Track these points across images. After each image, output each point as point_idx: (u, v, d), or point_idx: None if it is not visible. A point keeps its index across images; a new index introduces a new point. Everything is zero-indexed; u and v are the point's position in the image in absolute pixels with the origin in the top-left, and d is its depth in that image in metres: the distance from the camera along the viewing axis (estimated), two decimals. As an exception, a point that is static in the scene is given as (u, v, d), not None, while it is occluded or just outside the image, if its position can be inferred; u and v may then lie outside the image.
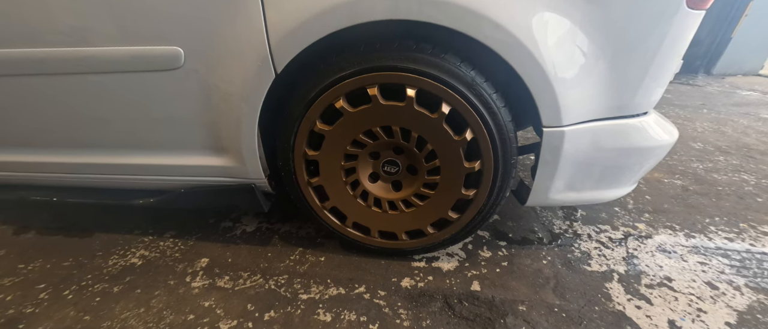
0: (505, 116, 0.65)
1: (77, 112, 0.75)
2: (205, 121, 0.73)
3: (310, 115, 0.68)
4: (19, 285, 0.82)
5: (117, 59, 0.66)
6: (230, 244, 0.96)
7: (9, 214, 1.10)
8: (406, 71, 0.61)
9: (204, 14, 0.60)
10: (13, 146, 0.83)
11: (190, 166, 0.80)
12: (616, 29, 0.57)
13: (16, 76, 0.71)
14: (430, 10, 0.55)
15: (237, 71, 0.65)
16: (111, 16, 0.62)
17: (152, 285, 0.81)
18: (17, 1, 0.62)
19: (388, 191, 0.80)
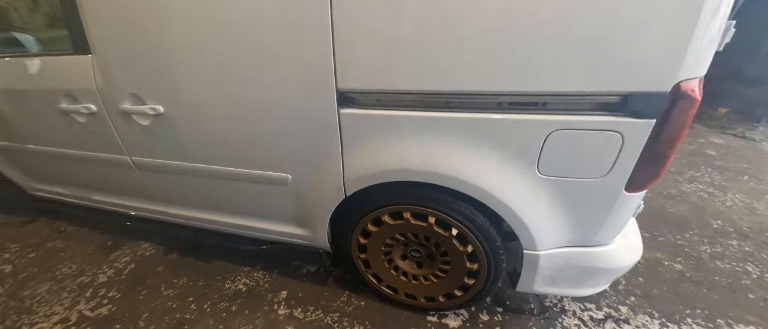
0: (496, 238, 0.94)
1: (225, 196, 1.19)
2: (297, 209, 1.12)
3: (365, 220, 1.04)
4: (177, 297, 1.30)
5: (249, 176, 1.07)
6: (300, 281, 1.37)
7: (162, 241, 1.63)
8: (429, 207, 0.94)
9: (307, 158, 0.98)
10: (186, 206, 1.31)
11: (282, 231, 1.21)
12: (577, 198, 0.83)
13: (195, 177, 1.16)
14: (445, 180, 0.86)
15: (322, 192, 1.02)
16: (259, 156, 1.03)
17: (254, 308, 1.24)
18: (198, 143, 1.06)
19: (412, 267, 1.14)
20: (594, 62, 0.66)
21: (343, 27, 0.75)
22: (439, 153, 0.84)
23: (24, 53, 1.17)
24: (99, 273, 1.42)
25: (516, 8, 0.65)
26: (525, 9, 0.64)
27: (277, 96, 0.88)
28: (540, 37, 0.66)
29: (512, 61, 0.69)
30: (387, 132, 0.86)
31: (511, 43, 0.67)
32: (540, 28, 0.65)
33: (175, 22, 0.87)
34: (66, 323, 1.19)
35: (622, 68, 0.65)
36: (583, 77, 0.68)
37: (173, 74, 0.95)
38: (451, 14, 0.68)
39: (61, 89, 1.09)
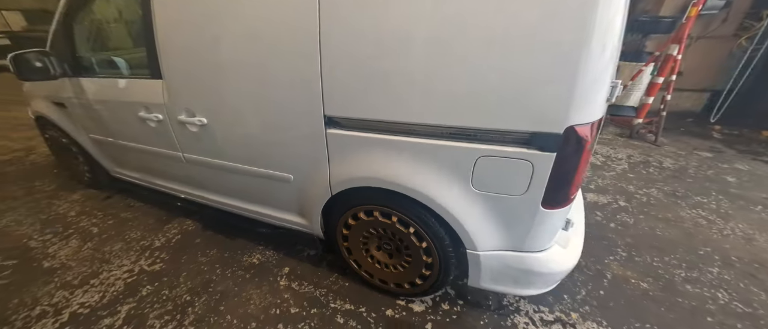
0: (444, 238, 1.16)
1: (247, 188, 1.54)
2: (298, 202, 1.43)
3: (346, 215, 1.31)
4: (207, 263, 1.68)
5: (264, 174, 1.40)
6: (300, 261, 1.68)
7: (202, 219, 2.06)
8: (392, 208, 1.19)
9: (304, 164, 1.28)
10: (219, 194, 1.69)
11: (288, 219, 1.53)
12: (504, 210, 1.03)
13: (227, 171, 1.52)
14: (402, 189, 1.10)
15: (315, 190, 1.31)
16: (271, 159, 1.36)
17: (262, 278, 1.58)
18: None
19: (384, 257, 1.39)
20: (508, 108, 0.87)
21: (327, 75, 1.03)
22: (398, 167, 1.08)
23: (118, 75, 1.63)
24: (155, 240, 1.86)
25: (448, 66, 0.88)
26: (454, 67, 0.87)
27: (283, 115, 1.19)
28: (468, 89, 0.88)
29: (449, 103, 0.92)
30: (360, 148, 1.12)
31: (448, 91, 0.91)
32: (468, 81, 0.87)
33: (215, 65, 1.22)
34: (131, 272, 1.62)
35: (528, 114, 0.86)
36: (500, 118, 0.89)
37: (214, 97, 1.30)
38: (404, 70, 0.93)
39: (141, 102, 1.51)
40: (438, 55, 0.87)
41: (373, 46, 0.93)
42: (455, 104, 0.92)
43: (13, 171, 2.69)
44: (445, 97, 0.92)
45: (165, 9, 1.25)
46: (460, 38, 0.84)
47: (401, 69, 0.93)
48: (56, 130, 2.09)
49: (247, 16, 1.10)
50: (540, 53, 0.79)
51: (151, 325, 1.34)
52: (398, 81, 0.95)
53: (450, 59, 0.87)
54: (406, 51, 0.90)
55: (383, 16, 0.89)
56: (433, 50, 0.87)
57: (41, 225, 1.99)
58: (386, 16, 0.89)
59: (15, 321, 1.36)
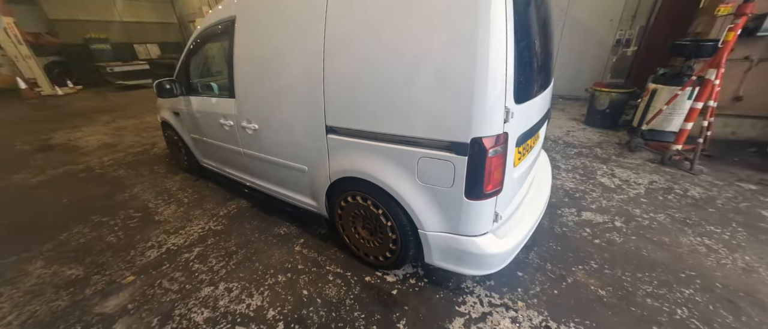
0: (403, 219, 1.54)
1: (280, 176, 2.15)
2: (311, 187, 1.96)
3: (340, 198, 1.79)
4: (251, 229, 2.32)
5: (288, 165, 1.98)
6: (313, 236, 2.20)
7: (251, 199, 2.77)
8: (367, 194, 1.62)
9: (313, 158, 1.81)
10: (262, 180, 2.36)
11: (304, 201, 2.08)
12: (439, 199, 1.38)
13: (267, 163, 2.16)
14: (371, 179, 1.54)
15: (320, 178, 1.83)
16: (293, 154, 1.94)
17: (283, 244, 2.14)
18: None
19: (367, 234, 1.81)
20: (435, 123, 1.26)
21: (327, 97, 1.55)
22: (369, 163, 1.53)
23: (210, 94, 2.44)
24: (220, 210, 2.60)
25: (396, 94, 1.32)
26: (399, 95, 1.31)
27: (301, 124, 1.75)
28: (410, 109, 1.30)
29: (399, 119, 1.35)
30: (348, 149, 1.60)
31: (398, 110, 1.34)
32: (410, 104, 1.30)
33: (263, 90, 1.85)
34: (204, 228, 2.35)
35: (446, 127, 1.24)
36: (430, 130, 1.28)
37: (262, 111, 1.94)
38: (370, 96, 1.40)
39: (221, 113, 2.27)
40: (389, 88, 1.32)
41: (350, 81, 1.43)
42: (402, 119, 1.34)
43: (143, 158, 3.87)
44: (396, 114, 1.35)
45: (239, 55, 1.96)
46: (403, 75, 1.27)
47: (368, 95, 1.40)
48: (172, 130, 3.07)
49: (279, 60, 1.71)
50: (447, 86, 1.18)
51: (209, 261, 1.99)
52: (367, 103, 1.42)
53: (398, 90, 1.30)
54: (370, 84, 1.37)
55: (355, 63, 1.39)
56: (385, 84, 1.32)
57: (156, 194, 2.93)
58: (355, 62, 1.38)
59: (137, 248, 2.15)
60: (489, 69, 1.10)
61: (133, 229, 2.38)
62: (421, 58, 1.21)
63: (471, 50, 1.10)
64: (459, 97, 1.17)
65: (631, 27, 5.34)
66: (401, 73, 1.27)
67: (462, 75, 1.14)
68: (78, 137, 4.85)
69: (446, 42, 1.14)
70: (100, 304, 1.68)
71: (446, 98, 1.20)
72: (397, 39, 1.25)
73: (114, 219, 2.52)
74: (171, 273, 1.90)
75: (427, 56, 1.20)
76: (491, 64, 1.10)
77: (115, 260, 2.04)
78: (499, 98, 1.16)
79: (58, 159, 3.96)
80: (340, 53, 1.43)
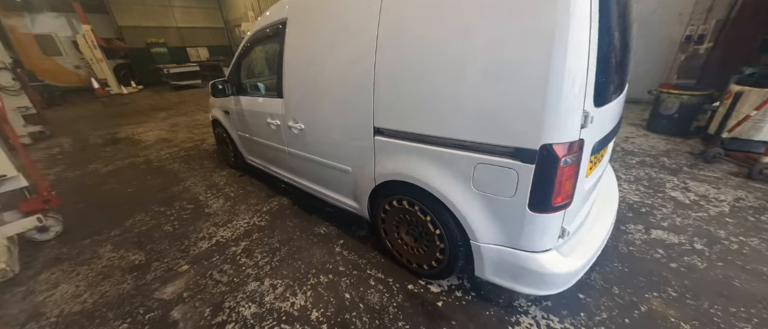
0: (453, 227, 1.45)
1: (322, 175, 2.16)
2: (354, 189, 1.94)
3: (383, 202, 1.74)
4: (292, 227, 2.37)
5: (331, 165, 1.98)
6: (352, 237, 2.18)
7: (292, 197, 2.83)
8: (415, 199, 1.55)
9: (358, 159, 1.78)
10: (304, 178, 2.39)
11: (346, 202, 2.06)
12: (497, 209, 1.27)
13: (310, 162, 2.18)
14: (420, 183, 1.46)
15: (365, 180, 1.80)
16: (337, 155, 1.93)
17: (324, 243, 2.14)
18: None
19: (411, 241, 1.74)
20: (498, 127, 1.16)
21: (377, 99, 1.51)
22: (419, 167, 1.46)
23: (259, 94, 2.53)
24: (263, 206, 2.69)
25: (455, 94, 1.24)
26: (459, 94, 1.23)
27: (348, 125, 1.73)
28: (470, 111, 1.21)
29: (456, 122, 1.26)
30: (396, 151, 1.55)
31: (456, 112, 1.26)
32: (470, 105, 1.21)
33: (311, 91, 1.86)
34: (249, 223, 2.44)
35: (511, 132, 1.13)
36: (491, 134, 1.18)
37: (309, 111, 1.96)
38: (425, 97, 1.33)
39: (269, 112, 2.33)
40: (447, 86, 1.24)
41: (402, 80, 1.37)
42: (460, 123, 1.25)
43: (194, 154, 4.16)
44: (453, 116, 1.26)
45: (289, 55, 1.99)
46: (464, 71, 1.18)
47: (422, 95, 1.33)
48: (221, 128, 3.25)
49: (328, 59, 1.70)
50: (515, 85, 1.07)
51: (255, 256, 2.05)
52: (420, 103, 1.35)
53: (456, 88, 1.22)
54: (424, 83, 1.30)
55: (409, 59, 1.32)
56: (443, 82, 1.24)
57: (206, 187, 3.11)
58: (409, 58, 1.32)
59: (190, 238, 2.29)
60: (567, 64, 0.97)
61: (186, 220, 2.54)
62: (485, 52, 1.11)
63: (546, 42, 0.98)
64: (529, 97, 1.05)
65: (706, 21, 4.71)
66: (462, 70, 1.18)
67: (534, 71, 1.02)
68: (140, 132, 5.35)
69: (516, 32, 1.03)
70: (159, 290, 1.79)
71: (513, 99, 1.09)
72: (459, 32, 1.16)
73: (170, 209, 2.71)
74: (220, 265, 1.98)
75: (493, 50, 1.09)
76: (570, 58, 0.97)
77: (171, 248, 2.18)
78: (577, 99, 1.02)
79: (124, 152, 4.39)
80: (394, 49, 1.38)
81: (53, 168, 3.86)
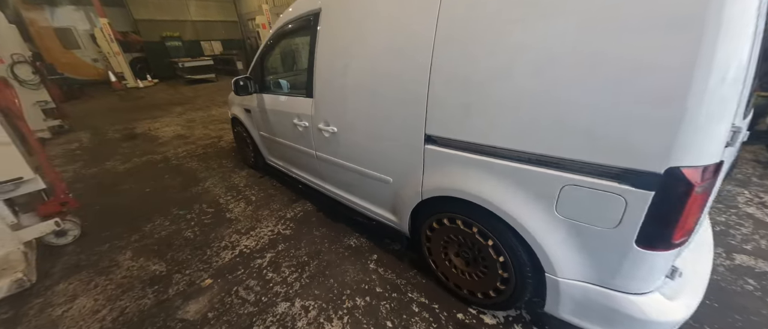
0: (522, 255, 1.23)
1: (354, 183, 1.96)
2: (393, 201, 1.73)
3: (431, 219, 1.53)
4: (320, 237, 2.19)
5: (368, 174, 1.77)
6: (387, 252, 1.99)
7: (317, 203, 2.65)
8: (474, 220, 1.34)
9: (402, 169, 1.57)
10: (333, 184, 2.20)
11: (382, 214, 1.86)
12: (590, 241, 1.04)
13: (342, 168, 1.98)
14: (484, 202, 1.24)
15: (408, 193, 1.58)
16: (377, 163, 1.72)
17: (356, 258, 1.95)
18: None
19: (461, 264, 1.53)
20: (600, 140, 0.92)
21: (432, 102, 1.29)
22: (483, 184, 1.24)
23: (285, 93, 2.33)
24: (287, 212, 2.52)
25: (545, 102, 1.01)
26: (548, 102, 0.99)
27: (392, 130, 1.52)
28: (557, 118, 0.98)
29: (537, 132, 1.03)
30: (452, 163, 1.33)
31: (536, 120, 1.03)
32: (558, 111, 0.98)
33: (348, 90, 1.65)
34: (273, 231, 2.27)
35: (622, 148, 0.89)
36: (590, 150, 0.95)
37: (345, 113, 1.75)
38: (498, 101, 1.10)
39: (296, 113, 2.14)
40: (532, 89, 1.01)
41: (467, 80, 1.14)
42: (547, 134, 1.02)
43: (211, 152, 4.03)
44: (536, 126, 1.03)
45: (322, 50, 1.78)
46: (559, 69, 0.94)
47: (495, 99, 1.10)
48: (241, 126, 3.09)
49: (370, 56, 1.48)
50: (639, 86, 0.82)
51: (282, 270, 1.87)
52: (490, 109, 1.12)
53: (545, 91, 0.98)
54: (500, 84, 1.07)
55: (479, 57, 1.09)
56: (527, 83, 1.01)
57: (225, 189, 2.97)
58: (481, 57, 1.09)
59: (213, 246, 2.14)
60: (717, 59, 0.72)
61: (207, 225, 2.40)
62: (592, 42, 0.87)
63: (689, 25, 0.73)
64: (655, 103, 0.81)
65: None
66: (557, 67, 0.94)
67: (665, 69, 0.78)
68: (156, 128, 5.28)
69: (642, 12, 0.79)
70: (182, 308, 1.64)
71: (629, 105, 0.84)
72: (554, 16, 0.93)
73: (190, 213, 2.57)
74: (246, 280, 1.81)
75: (604, 40, 0.85)
76: (724, 50, 0.72)
77: (193, 258, 2.03)
78: (728, 107, 0.78)
79: (141, 148, 4.30)
80: (458, 42, 1.15)
81: (71, 165, 3.80)
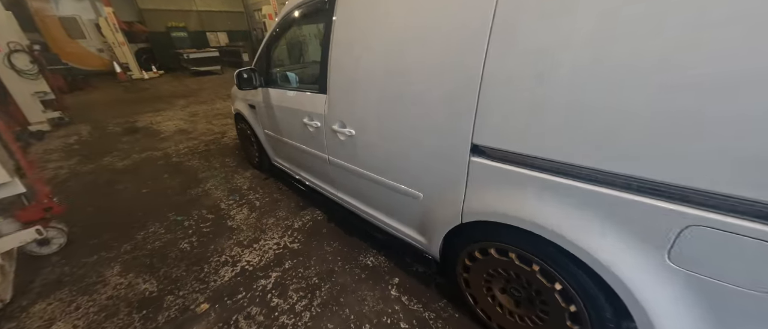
0: (605, 308, 0.94)
1: (373, 194, 1.68)
2: (421, 219, 1.45)
3: (473, 246, 1.24)
4: (331, 253, 1.92)
5: (392, 186, 1.48)
6: (409, 275, 1.71)
7: (328, 212, 2.39)
8: (535, 255, 1.05)
9: (437, 185, 1.29)
10: (347, 193, 1.92)
11: (406, 232, 1.58)
12: (722, 304, 0.75)
13: (359, 176, 1.70)
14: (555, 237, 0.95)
15: (444, 213, 1.30)
16: (404, 175, 1.43)
17: (375, 282, 1.68)
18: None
19: (510, 303, 1.24)
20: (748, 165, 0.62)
21: (485, 102, 0.99)
22: (553, 212, 0.94)
23: (294, 88, 2.04)
24: (294, 222, 2.25)
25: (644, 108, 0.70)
26: (676, 110, 0.69)
27: (427, 137, 1.23)
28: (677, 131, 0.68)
29: (645, 150, 0.74)
30: (507, 182, 1.03)
31: (644, 132, 0.73)
32: (678, 120, 0.68)
33: (369, 86, 1.36)
34: (279, 245, 2.01)
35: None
36: (730, 178, 0.65)
37: (364, 113, 1.46)
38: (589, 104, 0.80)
39: (306, 111, 1.85)
40: (652, 89, 0.70)
41: (540, 75, 0.84)
42: (669, 154, 0.71)
43: (214, 149, 3.79)
44: (648, 142, 0.73)
45: (339, 39, 1.49)
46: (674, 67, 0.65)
47: (592, 105, 0.79)
48: (245, 123, 2.82)
49: (402, 47, 1.18)
50: None
51: (289, 295, 1.61)
52: (579, 119, 0.82)
53: (670, 92, 0.68)
54: (592, 83, 0.77)
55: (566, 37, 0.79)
56: (640, 84, 0.71)
57: (227, 192, 2.72)
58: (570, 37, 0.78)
59: (210, 262, 1.89)
60: None
61: (206, 235, 2.15)
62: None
63: None
64: None
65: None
66: (694, 53, 0.64)
67: None
68: (158, 121, 5.06)
69: None
70: (172, 342, 1.40)
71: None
72: None
73: (188, 220, 2.33)
74: (248, 306, 1.56)
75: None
76: None
77: (188, 276, 1.78)
78: None
79: (141, 143, 4.08)
80: (528, 26, 0.85)
81: (68, 161, 3.59)
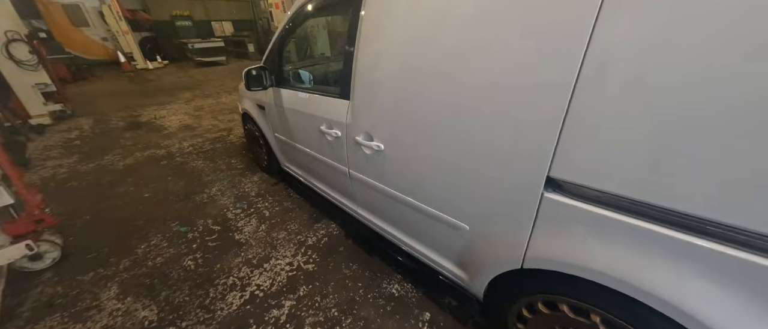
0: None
1: (404, 219, 1.46)
2: (463, 254, 1.23)
3: (536, 297, 1.02)
4: (351, 278, 1.71)
5: (433, 214, 1.26)
6: (442, 310, 1.50)
7: (346, 227, 2.18)
8: (627, 322, 0.82)
9: (492, 219, 1.06)
10: (371, 212, 1.70)
11: (443, 265, 1.36)
12: None
13: (387, 197, 1.47)
14: (655, 303, 0.73)
15: (498, 253, 1.07)
16: (447, 203, 1.20)
17: (403, 316, 1.48)
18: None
19: (578, 366, 1.03)
20: None
21: (573, 124, 0.75)
22: (655, 271, 0.72)
23: (311, 90, 1.80)
24: (308, 237, 2.05)
25: None
26: None
27: (484, 163, 0.99)
28: None
29: None
30: (590, 227, 0.81)
31: None
32: None
33: (405, 96, 1.12)
34: (291, 265, 1.81)
35: None
36: None
37: (397, 125, 1.23)
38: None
39: (324, 117, 1.62)
40: None
41: (689, 104, 0.60)
42: None
43: (220, 148, 3.59)
44: None
45: (367, 39, 1.24)
46: None
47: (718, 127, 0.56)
48: (253, 124, 2.60)
49: (451, 45, 0.94)
50: None
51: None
52: (693, 151, 0.59)
53: None
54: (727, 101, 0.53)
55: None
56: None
57: (234, 199, 2.52)
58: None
59: (216, 284, 1.70)
60: None
61: (211, 250, 1.96)
62: None
63: None
64: None
65: None
66: None
67: None
68: (162, 116, 4.86)
69: None
70: (174, 391, 1.21)
71: None
72: None
73: (192, 231, 2.14)
74: (259, 345, 1.37)
75: None
76: None
77: (192, 301, 1.59)
78: None
79: (145, 140, 3.89)
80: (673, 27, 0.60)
81: (67, 159, 3.42)
